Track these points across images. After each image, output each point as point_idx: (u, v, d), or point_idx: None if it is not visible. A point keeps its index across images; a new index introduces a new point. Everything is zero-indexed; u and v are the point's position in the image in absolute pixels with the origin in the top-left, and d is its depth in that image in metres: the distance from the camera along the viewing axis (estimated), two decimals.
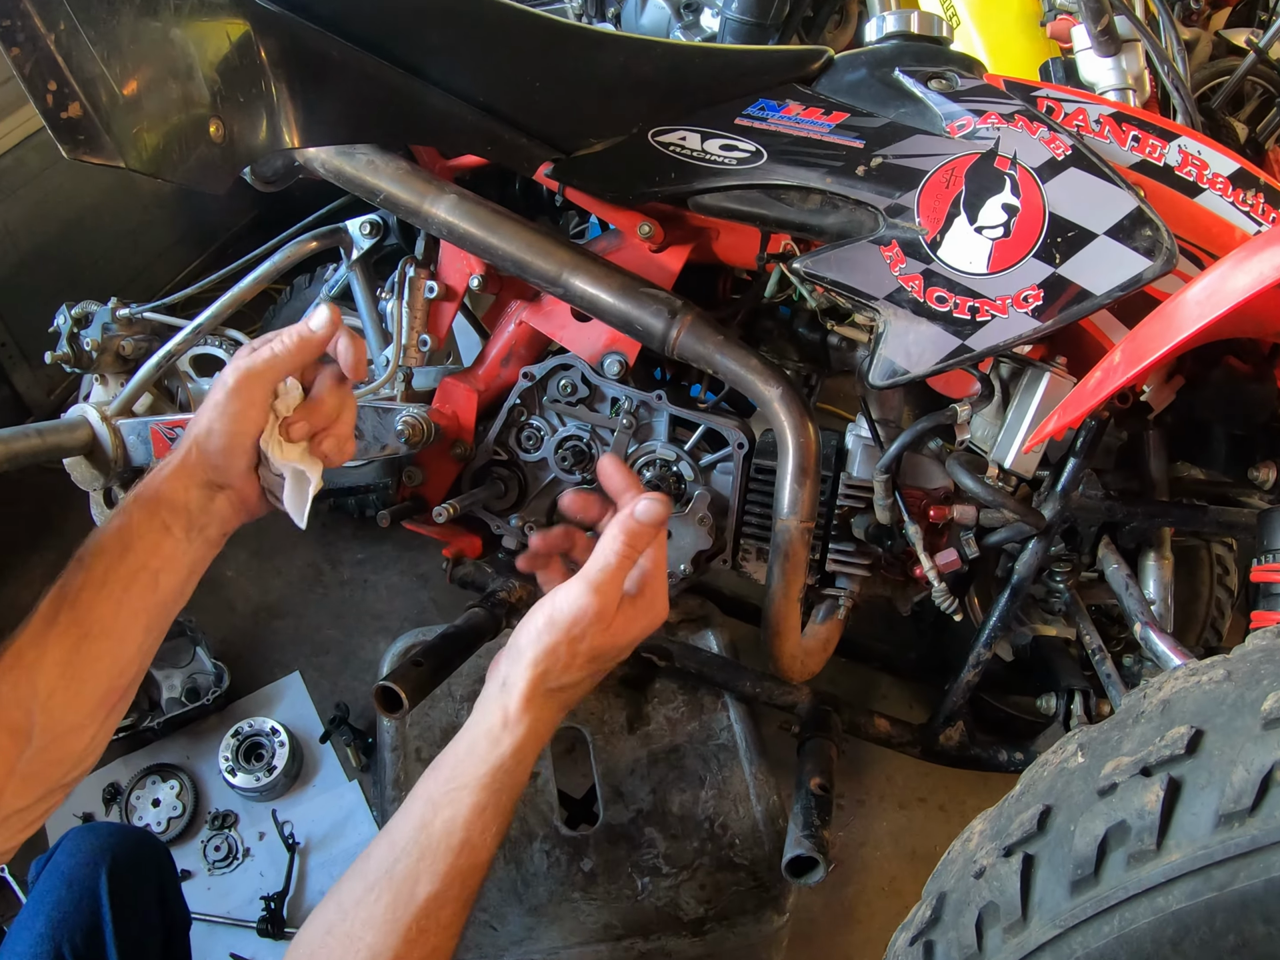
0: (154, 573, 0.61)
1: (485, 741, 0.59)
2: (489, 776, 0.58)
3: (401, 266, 0.99)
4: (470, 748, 0.59)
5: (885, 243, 0.74)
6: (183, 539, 0.63)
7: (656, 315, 0.83)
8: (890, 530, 0.89)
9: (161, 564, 0.61)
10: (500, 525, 1.01)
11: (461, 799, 0.57)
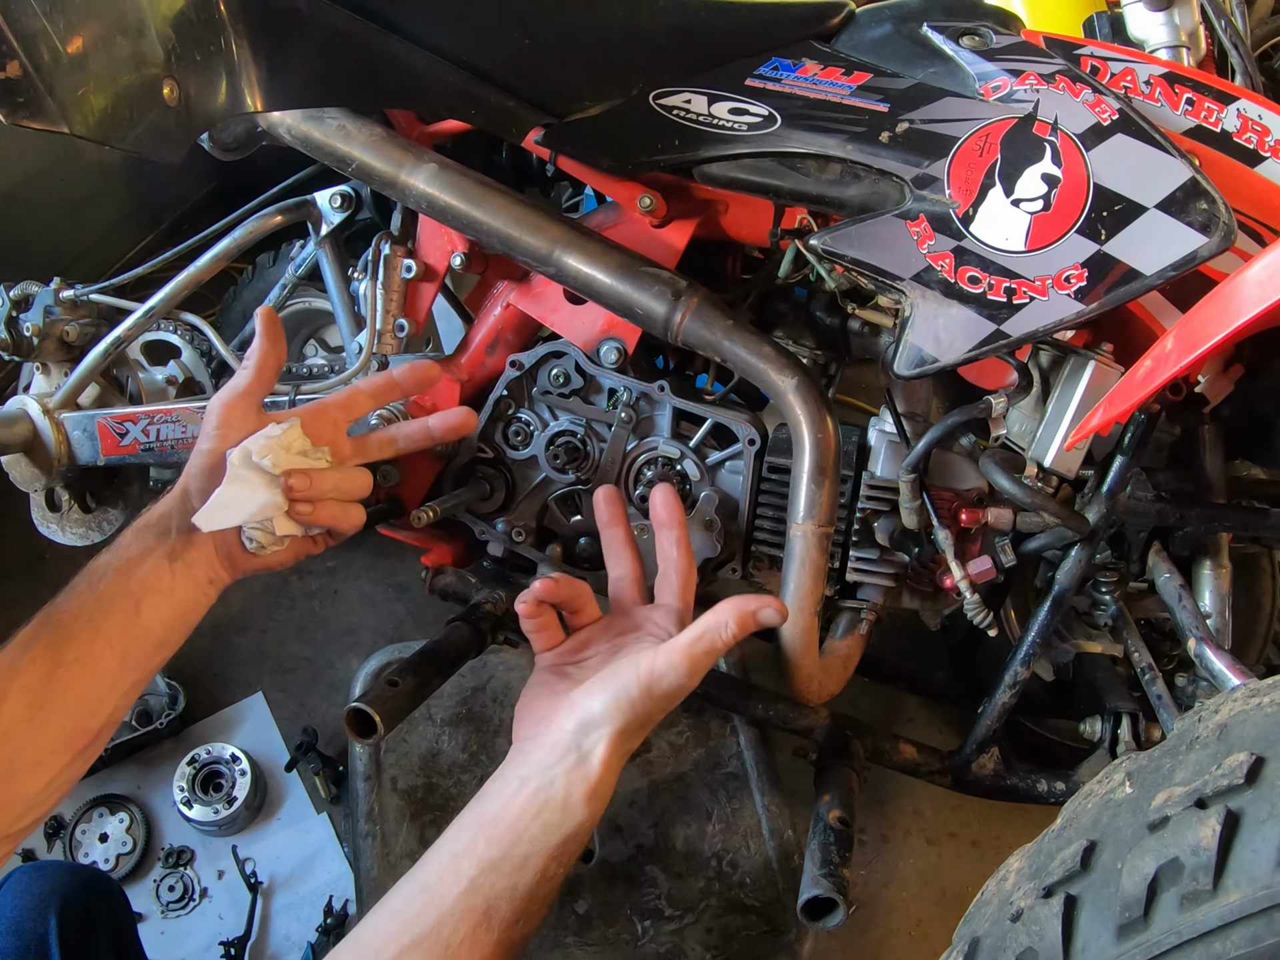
0: (135, 599, 0.61)
1: (558, 813, 0.57)
2: (559, 848, 0.57)
3: (376, 243, 0.99)
4: (538, 816, 0.57)
5: (912, 217, 0.74)
6: (166, 567, 0.63)
7: (659, 297, 0.83)
8: (917, 536, 0.89)
9: (142, 590, 0.61)
10: (485, 530, 1.01)
11: (529, 867, 0.56)
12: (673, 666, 0.61)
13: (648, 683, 0.61)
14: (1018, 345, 0.74)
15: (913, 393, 0.94)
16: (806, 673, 0.88)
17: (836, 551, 0.92)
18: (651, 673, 0.61)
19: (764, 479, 0.92)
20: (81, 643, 0.58)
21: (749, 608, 0.64)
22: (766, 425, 0.95)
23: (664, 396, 0.92)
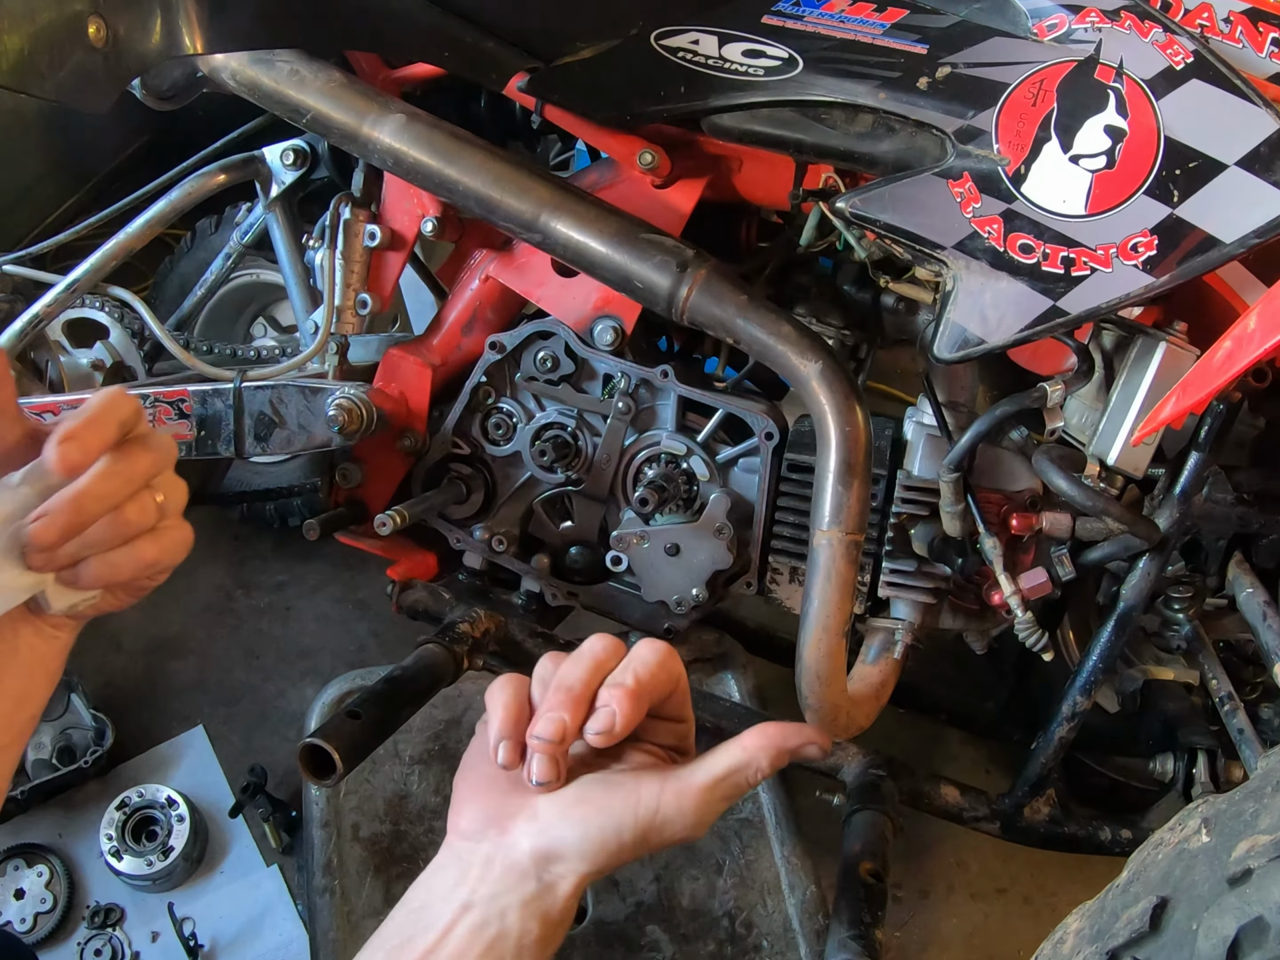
0: None
1: (511, 948, 0.51)
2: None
3: (334, 206, 0.99)
4: (491, 950, 0.51)
5: (955, 175, 0.74)
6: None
7: (661, 268, 0.83)
8: (961, 545, 0.89)
9: None
10: (461, 538, 1.01)
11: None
12: (682, 814, 0.53)
13: (645, 828, 0.53)
14: (1077, 324, 0.74)
15: (955, 379, 0.94)
16: (833, 703, 0.88)
17: (867, 563, 0.92)
18: (654, 817, 0.53)
19: (783, 479, 0.92)
20: None
21: (787, 744, 0.57)
22: (786, 417, 0.95)
23: (667, 383, 0.92)
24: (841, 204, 0.78)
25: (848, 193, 0.78)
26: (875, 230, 0.78)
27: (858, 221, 0.78)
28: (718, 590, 0.96)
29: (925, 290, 0.86)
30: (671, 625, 1.03)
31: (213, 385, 1.05)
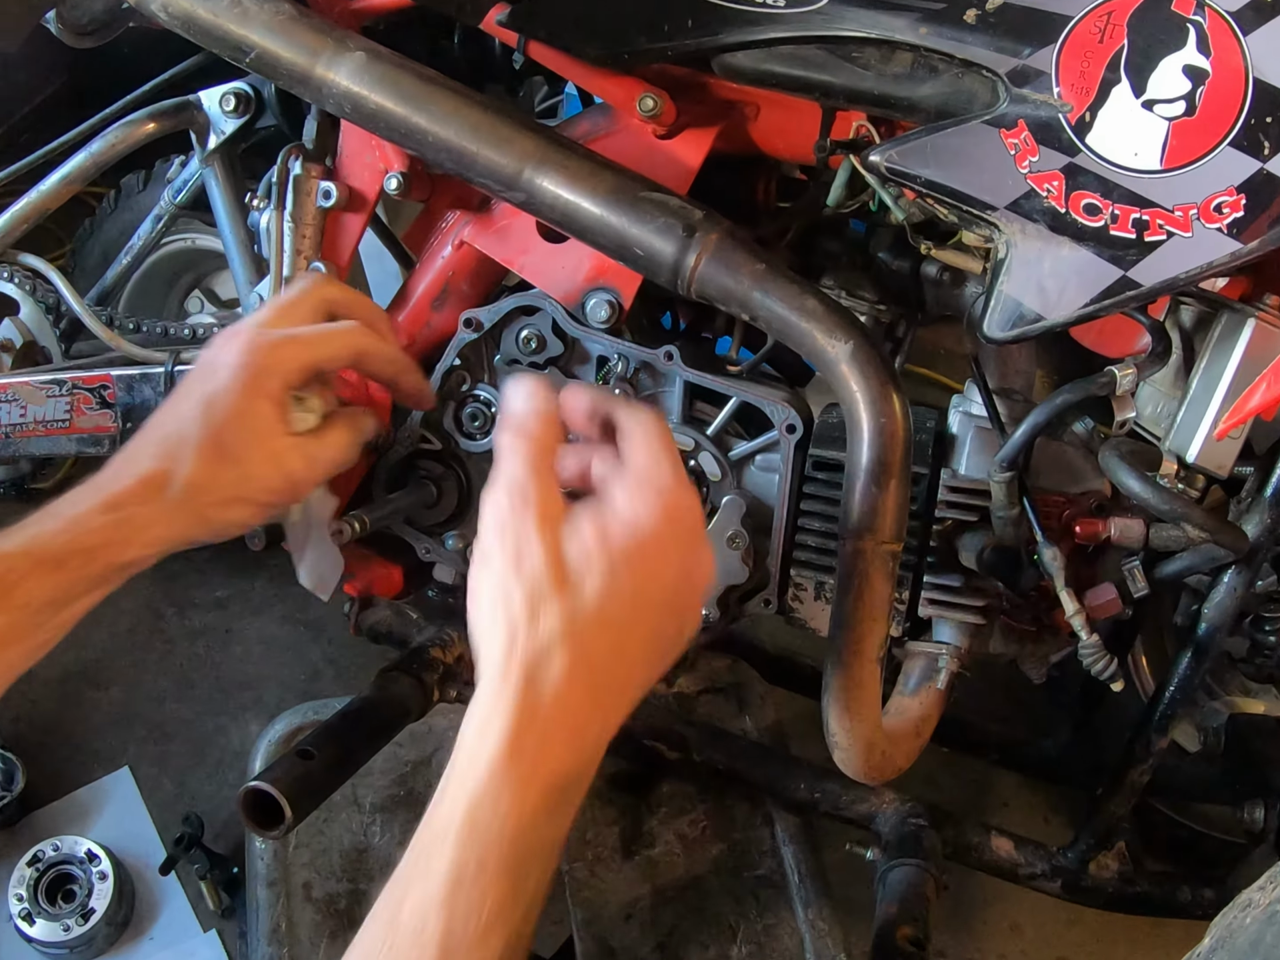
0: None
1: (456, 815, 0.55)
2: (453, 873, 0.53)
3: (283, 160, 0.99)
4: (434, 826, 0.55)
5: (1008, 124, 0.74)
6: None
7: (665, 233, 0.83)
8: (1016, 556, 0.88)
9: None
10: (431, 548, 1.01)
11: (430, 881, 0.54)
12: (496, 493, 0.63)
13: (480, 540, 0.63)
14: (1151, 298, 0.74)
15: (1009, 362, 0.94)
16: (865, 741, 0.88)
17: (906, 577, 0.91)
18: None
19: (807, 479, 0.92)
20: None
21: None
22: (811, 406, 0.95)
23: (672, 367, 0.92)
24: (876, 157, 0.78)
25: (883, 144, 0.78)
26: (915, 188, 0.77)
27: (894, 178, 0.78)
28: (731, 609, 0.96)
29: (973, 258, 0.86)
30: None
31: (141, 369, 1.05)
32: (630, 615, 0.60)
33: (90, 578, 0.71)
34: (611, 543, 0.60)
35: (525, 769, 0.56)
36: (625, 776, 1.10)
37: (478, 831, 0.55)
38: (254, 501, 0.77)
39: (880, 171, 0.78)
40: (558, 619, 0.57)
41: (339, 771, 0.87)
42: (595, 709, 0.59)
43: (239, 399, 0.75)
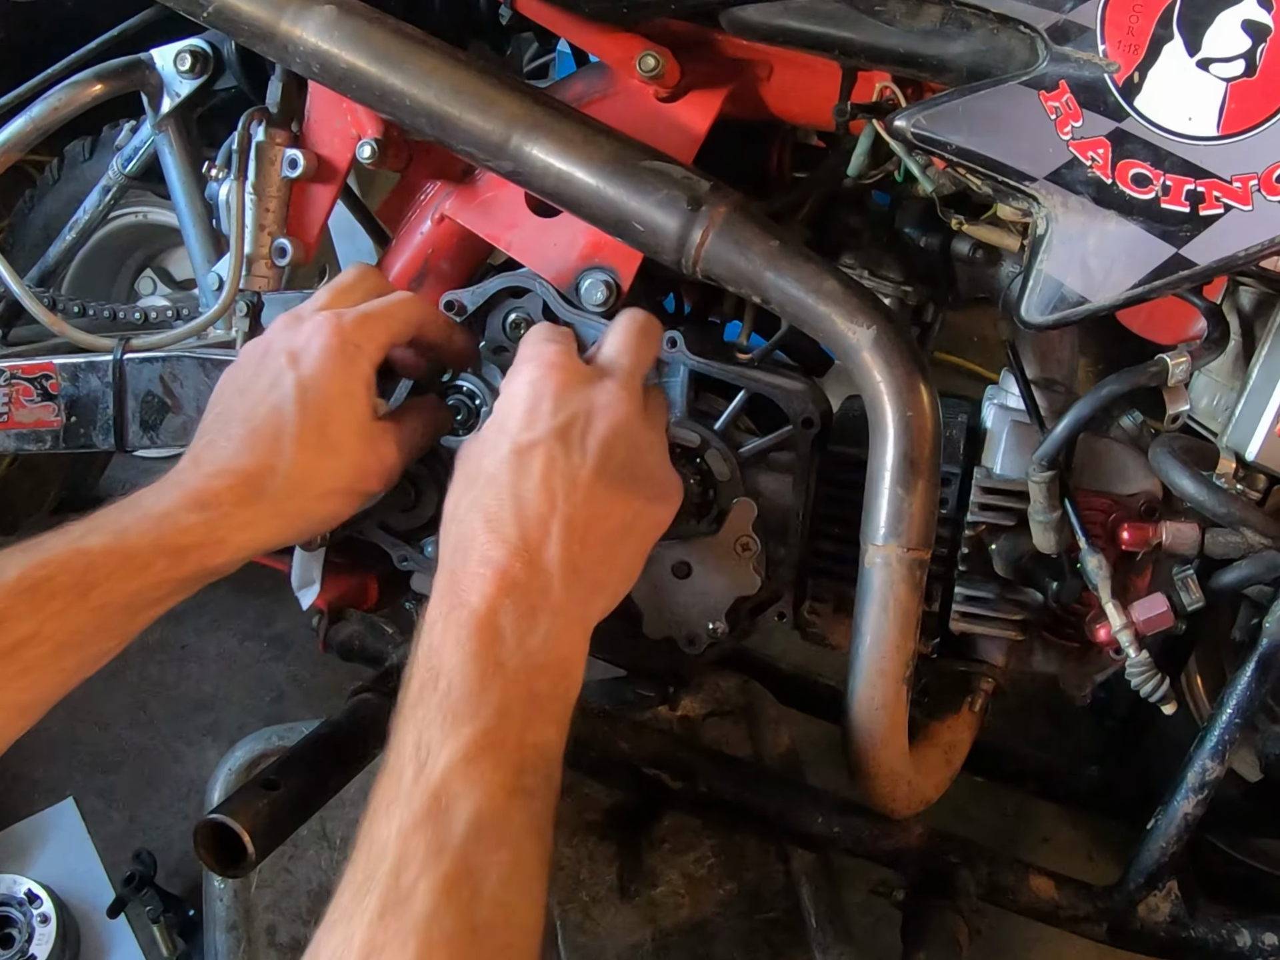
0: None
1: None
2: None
3: (244, 125, 0.99)
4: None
5: (1049, 85, 0.75)
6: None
7: (668, 206, 0.83)
8: (1057, 564, 0.89)
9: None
10: (409, 555, 1.02)
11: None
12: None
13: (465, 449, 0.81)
14: (1206, 278, 0.74)
15: (1049, 350, 0.94)
16: (890, 769, 0.89)
17: (935, 588, 0.91)
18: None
19: (826, 478, 0.93)
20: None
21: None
22: (830, 398, 0.95)
23: (676, 354, 0.93)
24: (902, 122, 0.78)
25: (910, 107, 0.78)
26: (945, 156, 0.78)
27: (922, 145, 0.78)
28: (741, 623, 0.96)
29: (1010, 234, 0.87)
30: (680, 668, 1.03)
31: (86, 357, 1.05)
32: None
33: (174, 581, 0.74)
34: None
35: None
36: (623, 809, 1.10)
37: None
38: (351, 491, 0.81)
39: (906, 138, 0.78)
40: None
41: (307, 803, 0.87)
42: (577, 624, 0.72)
43: (337, 382, 0.79)
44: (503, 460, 0.73)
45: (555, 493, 0.72)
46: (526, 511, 0.71)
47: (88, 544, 0.71)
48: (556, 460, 0.73)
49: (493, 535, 0.70)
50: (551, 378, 0.76)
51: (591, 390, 0.77)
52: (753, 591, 0.94)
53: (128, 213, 1.37)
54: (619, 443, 0.76)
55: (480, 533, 0.71)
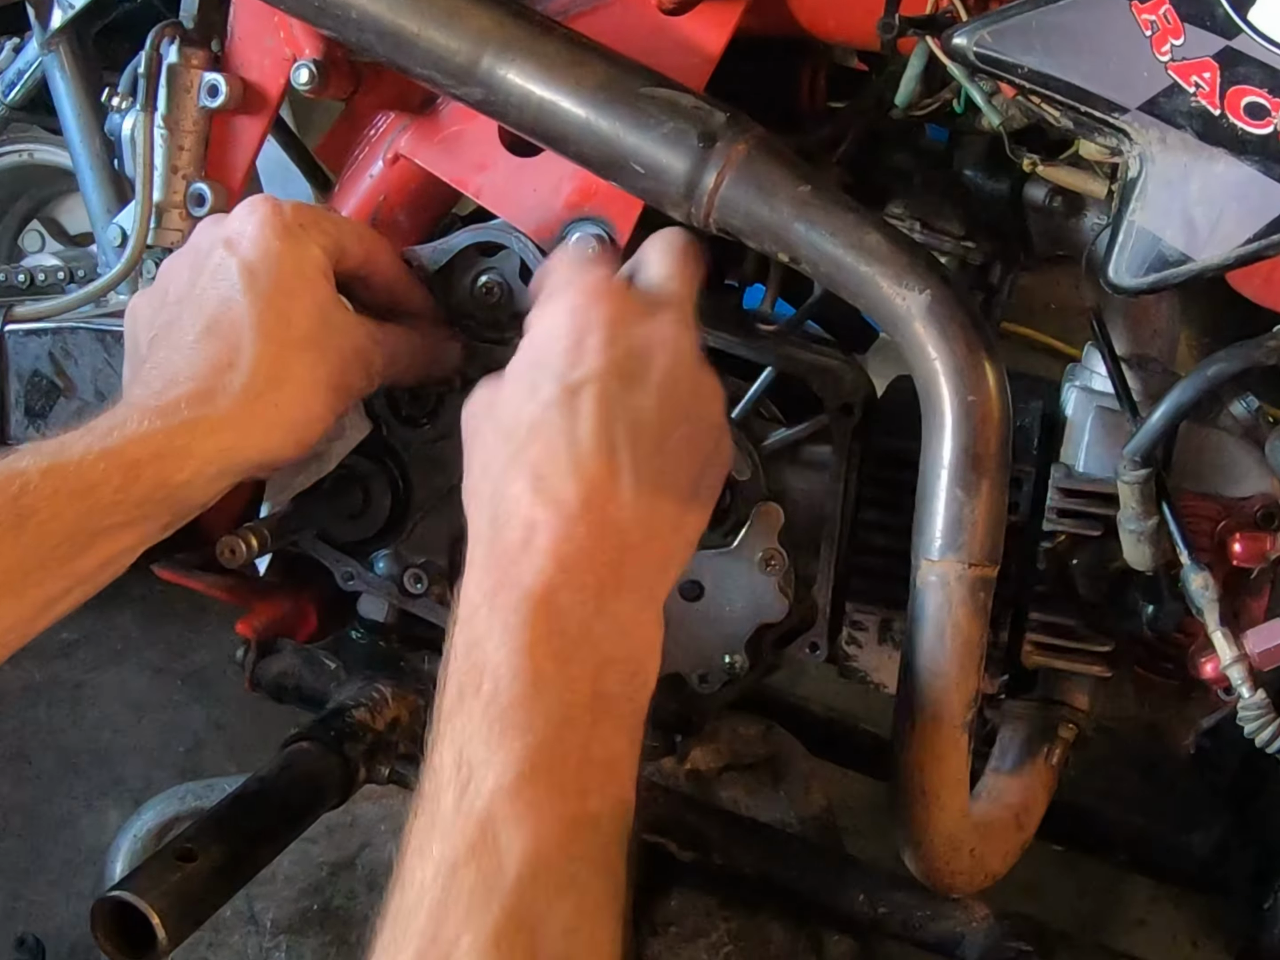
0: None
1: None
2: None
3: (153, 44, 0.99)
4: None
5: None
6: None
7: (675, 142, 0.83)
8: (1153, 583, 0.89)
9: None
10: (355, 572, 1.01)
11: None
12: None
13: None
14: None
15: (1143, 320, 0.94)
16: (948, 835, 0.89)
17: (1004, 612, 0.91)
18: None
19: (869, 478, 0.93)
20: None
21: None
22: (873, 380, 0.95)
23: None
24: (962, 40, 0.78)
25: (972, 21, 0.78)
26: (1015, 82, 0.77)
27: (987, 68, 0.78)
28: (765, 656, 0.96)
29: (1095, 178, 0.86)
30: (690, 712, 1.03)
31: None
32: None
33: (129, 504, 0.74)
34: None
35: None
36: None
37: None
38: (331, 386, 0.82)
39: (968, 59, 0.78)
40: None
41: (230, 878, 0.87)
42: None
43: (288, 262, 0.81)
44: (548, 404, 0.71)
45: (617, 441, 0.70)
46: (586, 465, 0.69)
47: (22, 465, 0.71)
48: (616, 402, 0.71)
49: (543, 497, 0.68)
50: (598, 306, 0.75)
51: (648, 321, 0.76)
52: (779, 617, 0.94)
53: (9, 151, 1.37)
54: (684, 383, 0.75)
55: (526, 494, 0.69)
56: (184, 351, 0.79)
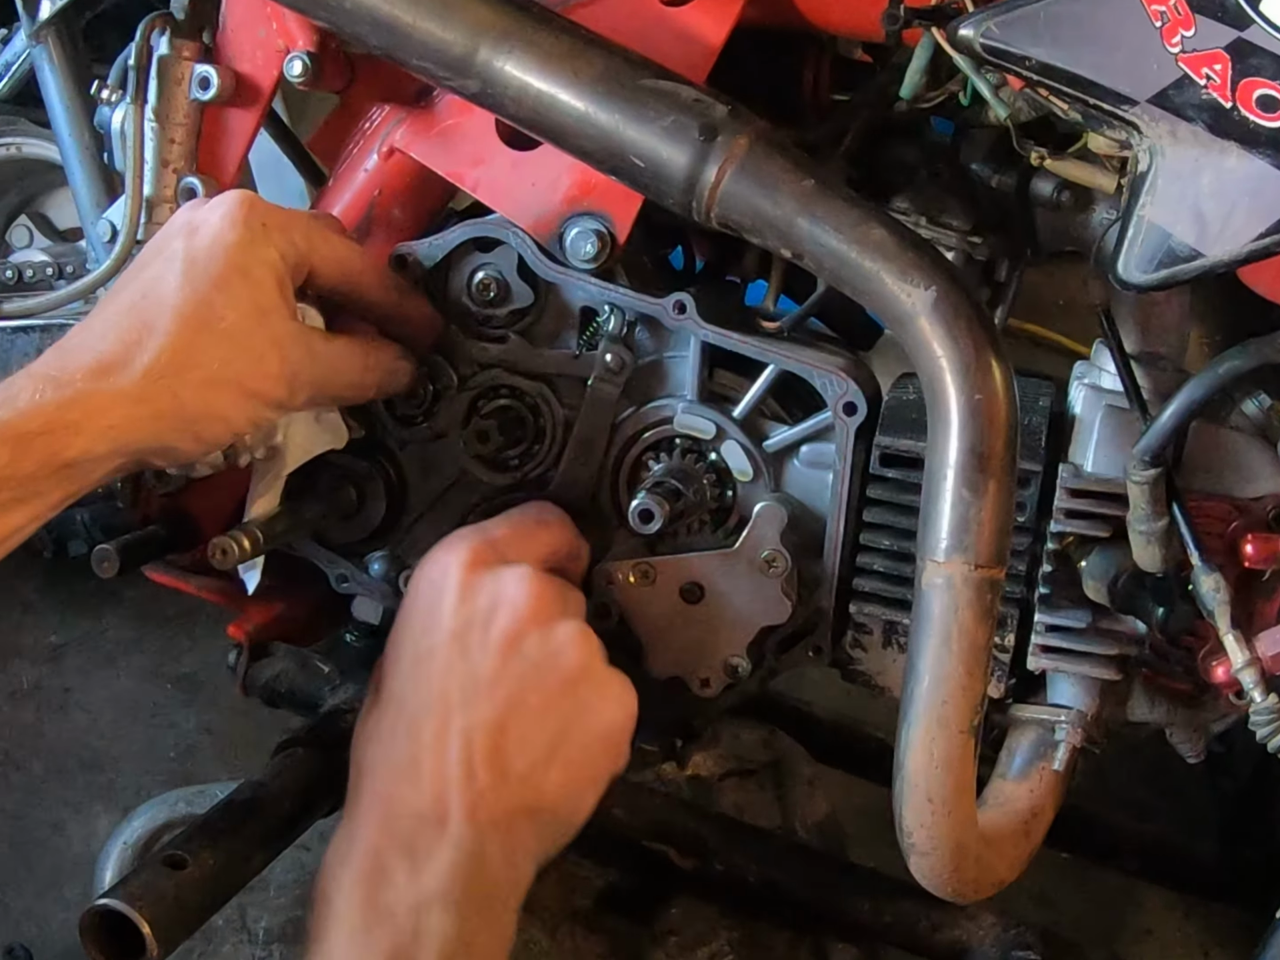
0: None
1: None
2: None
3: (144, 35, 0.99)
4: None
5: None
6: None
7: (676, 135, 0.83)
8: (1163, 585, 0.89)
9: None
10: (349, 574, 1.01)
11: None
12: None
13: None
14: None
15: (1154, 316, 0.94)
16: (955, 842, 0.88)
17: (1010, 615, 0.91)
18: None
19: (873, 478, 0.93)
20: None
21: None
22: (878, 378, 0.95)
23: (685, 322, 0.92)
24: (968, 31, 0.78)
25: (978, 12, 0.78)
26: (1023, 74, 0.77)
27: (995, 60, 0.78)
28: (767, 659, 0.96)
29: (1104, 172, 0.86)
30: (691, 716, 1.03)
31: None
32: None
33: (20, 480, 0.73)
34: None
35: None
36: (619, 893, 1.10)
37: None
38: (243, 389, 0.81)
39: (975, 51, 0.78)
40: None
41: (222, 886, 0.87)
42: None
43: (234, 256, 0.81)
44: (403, 674, 0.84)
45: (451, 702, 0.80)
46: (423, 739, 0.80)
47: None
48: (454, 665, 0.81)
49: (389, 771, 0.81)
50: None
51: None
52: (781, 620, 0.93)
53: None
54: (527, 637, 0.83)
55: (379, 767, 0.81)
56: (103, 321, 0.79)
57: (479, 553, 0.86)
